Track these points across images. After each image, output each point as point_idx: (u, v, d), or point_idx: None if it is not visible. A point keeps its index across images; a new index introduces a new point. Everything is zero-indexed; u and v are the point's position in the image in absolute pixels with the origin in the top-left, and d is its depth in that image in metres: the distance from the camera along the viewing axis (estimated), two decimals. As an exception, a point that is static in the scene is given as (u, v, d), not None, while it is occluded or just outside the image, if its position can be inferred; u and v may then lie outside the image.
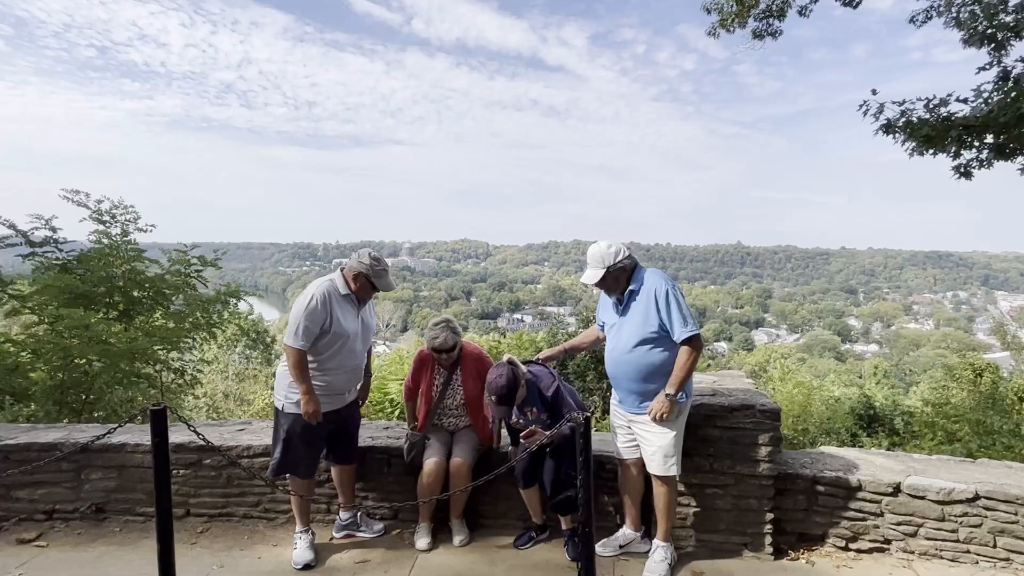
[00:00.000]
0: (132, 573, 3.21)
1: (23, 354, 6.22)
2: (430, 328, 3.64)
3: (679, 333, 3.04)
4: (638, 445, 3.31)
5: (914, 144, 6.48)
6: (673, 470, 3.19)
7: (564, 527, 3.49)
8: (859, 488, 3.38)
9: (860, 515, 3.40)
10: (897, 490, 3.35)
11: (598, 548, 3.38)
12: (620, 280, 3.18)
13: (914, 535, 3.34)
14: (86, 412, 6.51)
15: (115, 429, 2.74)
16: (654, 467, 3.21)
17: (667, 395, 3.08)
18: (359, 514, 3.67)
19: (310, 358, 3.27)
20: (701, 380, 3.95)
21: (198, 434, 2.86)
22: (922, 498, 3.31)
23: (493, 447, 3.66)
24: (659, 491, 3.27)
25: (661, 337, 3.11)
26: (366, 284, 3.35)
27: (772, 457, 3.33)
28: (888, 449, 8.81)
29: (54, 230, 6.97)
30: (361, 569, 3.27)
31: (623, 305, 3.23)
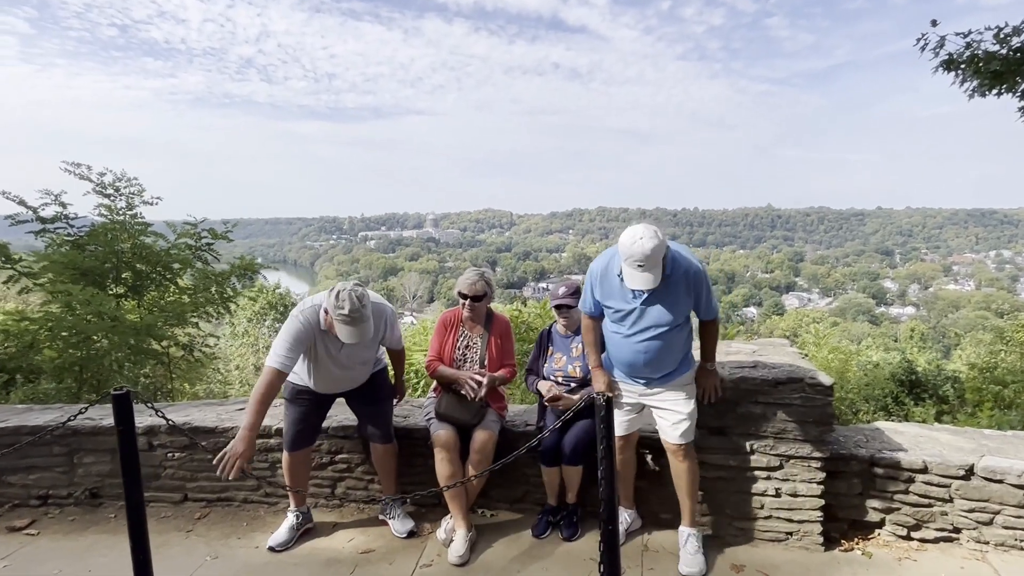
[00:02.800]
0: (121, 564, 2.98)
1: (40, 332, 6.10)
2: (464, 275, 3.36)
3: (709, 313, 2.87)
4: (635, 419, 3.07)
5: (977, 82, 5.80)
6: (693, 435, 2.95)
7: (568, 499, 3.24)
8: (924, 470, 2.96)
9: (925, 501, 2.98)
10: (970, 473, 2.91)
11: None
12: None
13: (989, 524, 2.91)
14: (104, 389, 6.42)
15: (76, 416, 2.48)
16: (678, 436, 2.90)
17: (711, 367, 2.93)
18: (391, 503, 3.35)
19: None
20: (739, 350, 3.54)
21: (164, 417, 2.58)
22: (1000, 482, 2.87)
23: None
24: (683, 466, 2.93)
25: (686, 319, 2.88)
26: (336, 328, 2.85)
27: (823, 436, 2.92)
28: (937, 418, 8.28)
29: (64, 206, 6.79)
30: (364, 560, 3.01)
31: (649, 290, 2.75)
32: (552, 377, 3.34)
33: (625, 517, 3.17)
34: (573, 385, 3.28)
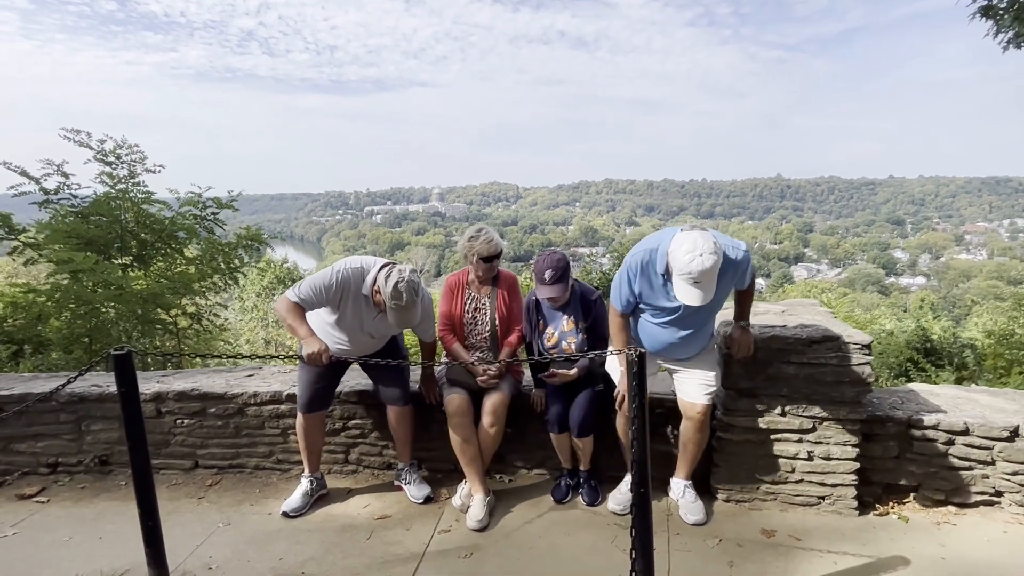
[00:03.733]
0: (132, 530, 2.91)
1: (47, 304, 6.02)
2: (474, 236, 3.10)
3: (746, 284, 2.76)
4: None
5: (1014, 32, 5.49)
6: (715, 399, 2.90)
7: (582, 467, 3.14)
8: (966, 432, 2.82)
9: (965, 463, 2.85)
10: (1015, 434, 2.77)
11: (610, 504, 3.01)
12: None
13: (1034, 487, 2.78)
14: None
15: (75, 378, 2.36)
16: (704, 396, 2.81)
17: (745, 325, 2.78)
18: (406, 469, 3.25)
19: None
20: (768, 310, 3.38)
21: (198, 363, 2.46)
22: (1047, 443, 2.73)
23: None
24: (701, 434, 2.86)
25: None
26: (376, 297, 2.82)
27: (860, 397, 2.77)
28: (958, 383, 8.14)
29: (66, 176, 6.65)
30: (380, 526, 2.92)
31: None
32: (547, 356, 3.16)
33: None
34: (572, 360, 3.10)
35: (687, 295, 2.44)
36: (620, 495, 3.01)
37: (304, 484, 3.13)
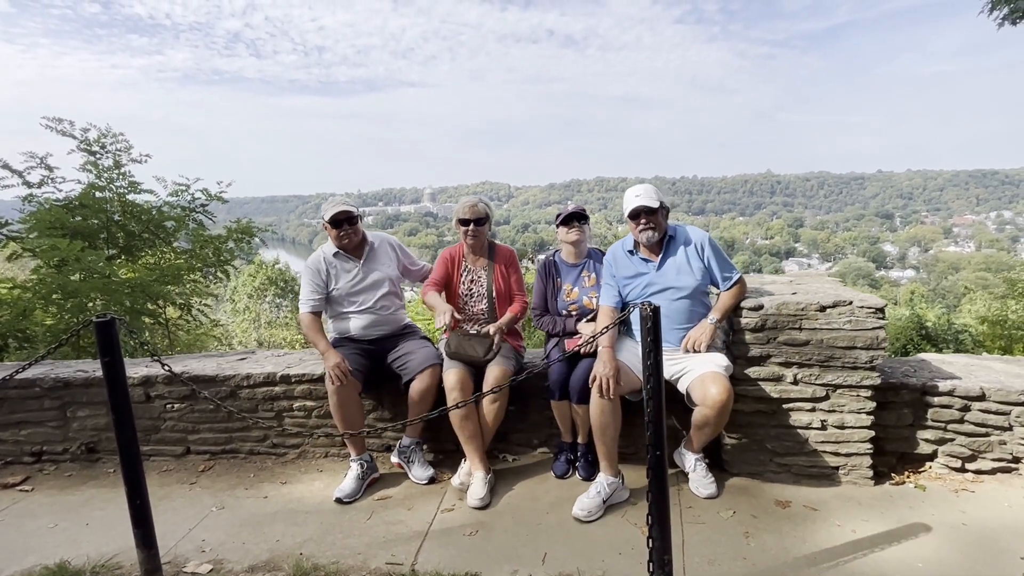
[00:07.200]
0: (120, 518, 2.79)
1: (33, 300, 5.85)
2: (461, 202, 3.28)
3: (732, 275, 2.84)
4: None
5: (1009, 8, 5.45)
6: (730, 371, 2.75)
7: (579, 440, 3.04)
8: (982, 398, 2.74)
9: (982, 430, 2.77)
10: (1033, 398, 2.70)
11: (576, 511, 2.61)
12: (662, 223, 2.87)
13: (1052, 451, 2.71)
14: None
15: (27, 366, 2.22)
16: (716, 366, 2.67)
17: (712, 320, 2.78)
18: (412, 447, 3.12)
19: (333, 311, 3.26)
20: (775, 280, 3.30)
21: (161, 363, 2.34)
22: (1065, 407, 2.66)
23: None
24: (721, 420, 2.67)
25: (704, 290, 2.90)
26: (330, 230, 3.17)
27: (874, 364, 2.69)
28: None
29: (50, 169, 6.49)
30: (381, 507, 2.80)
31: (661, 254, 2.88)
32: (565, 312, 3.12)
33: (604, 485, 2.71)
34: (589, 319, 3.06)
35: (634, 201, 2.81)
36: (589, 500, 2.68)
37: (354, 468, 2.98)
